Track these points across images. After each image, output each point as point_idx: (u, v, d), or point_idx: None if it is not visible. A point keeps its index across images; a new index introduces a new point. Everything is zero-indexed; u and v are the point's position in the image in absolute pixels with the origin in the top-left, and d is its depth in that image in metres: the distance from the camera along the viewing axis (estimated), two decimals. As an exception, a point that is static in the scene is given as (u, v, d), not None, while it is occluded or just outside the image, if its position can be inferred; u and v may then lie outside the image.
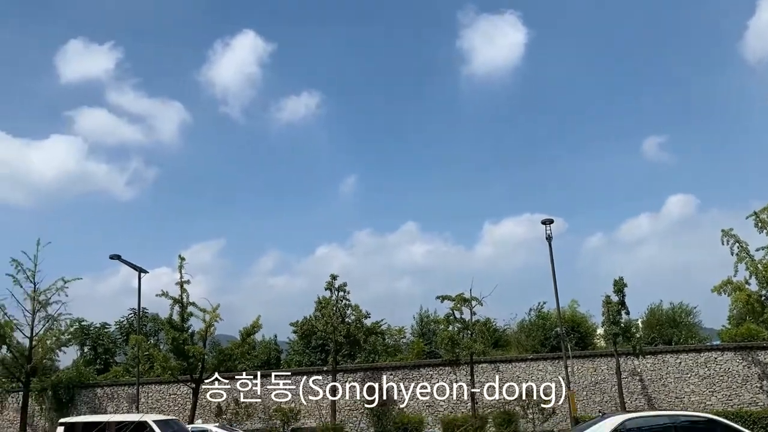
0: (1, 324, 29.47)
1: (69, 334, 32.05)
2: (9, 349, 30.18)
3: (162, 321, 30.44)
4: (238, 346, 30.11)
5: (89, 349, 42.56)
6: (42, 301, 30.16)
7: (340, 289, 30.24)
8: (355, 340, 29.92)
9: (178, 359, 28.88)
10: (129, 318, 44.17)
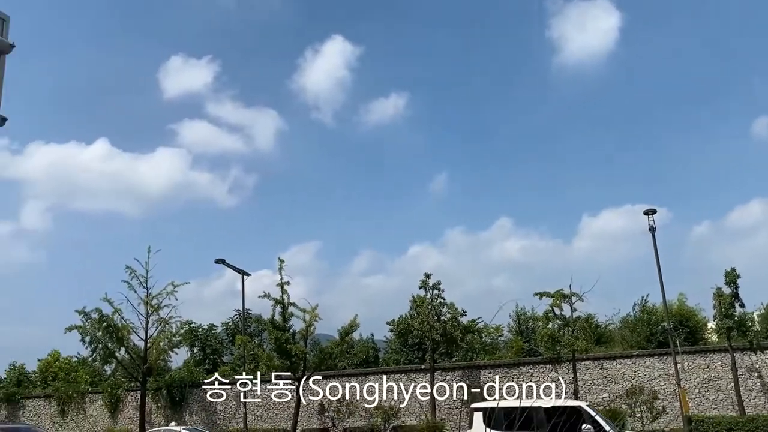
0: (119, 327, 31.41)
1: (180, 336, 33.73)
2: (127, 351, 32.12)
3: (265, 321, 31.49)
4: (337, 345, 30.68)
5: (198, 350, 44.69)
6: (154, 305, 31.91)
7: (435, 287, 30.22)
8: (452, 339, 29.81)
9: (281, 358, 29.74)
10: (234, 319, 46.07)
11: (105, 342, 31.35)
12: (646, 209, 27.02)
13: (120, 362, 33.02)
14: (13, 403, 39.59)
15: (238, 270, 30.83)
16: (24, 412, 39.23)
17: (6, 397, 39.67)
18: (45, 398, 38.98)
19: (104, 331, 30.95)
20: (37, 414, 38.87)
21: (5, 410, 39.60)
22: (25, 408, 39.39)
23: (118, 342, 31.45)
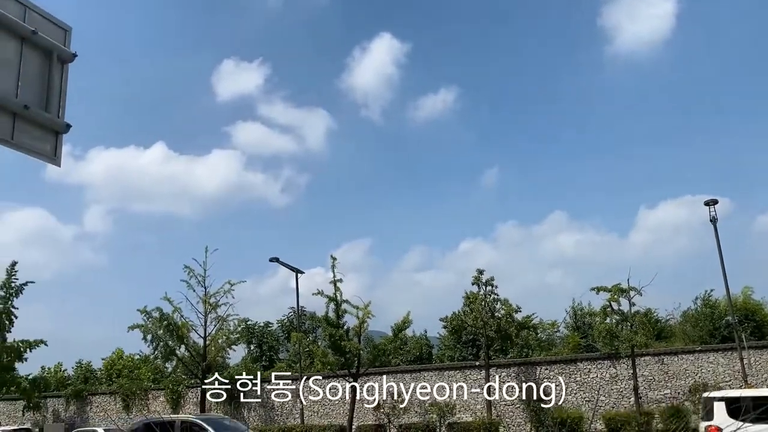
0: (179, 325, 32.31)
1: (237, 334, 34.47)
2: (186, 349, 33.01)
3: (319, 318, 31.83)
4: (390, 341, 30.78)
5: (255, 347, 45.55)
6: (212, 304, 32.72)
7: (488, 283, 29.97)
8: (507, 335, 29.52)
9: (336, 355, 30.03)
10: (289, 316, 46.78)
11: (166, 340, 32.31)
12: (706, 200, 26.18)
13: (180, 359, 33.93)
14: (81, 399, 41.18)
15: (291, 268, 31.28)
16: (91, 408, 40.77)
17: (74, 394, 41.29)
18: (110, 394, 40.40)
19: (165, 329, 31.91)
20: (103, 409, 40.33)
21: (74, 406, 41.23)
22: (92, 404, 40.91)
23: (178, 340, 32.35)
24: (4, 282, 39.12)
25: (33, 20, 6.28)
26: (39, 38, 6.28)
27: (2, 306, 38.70)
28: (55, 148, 6.48)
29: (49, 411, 41.95)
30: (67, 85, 6.67)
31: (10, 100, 5.93)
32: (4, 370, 38.66)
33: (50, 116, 6.34)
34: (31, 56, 6.31)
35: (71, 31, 6.74)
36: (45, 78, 6.42)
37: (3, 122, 5.94)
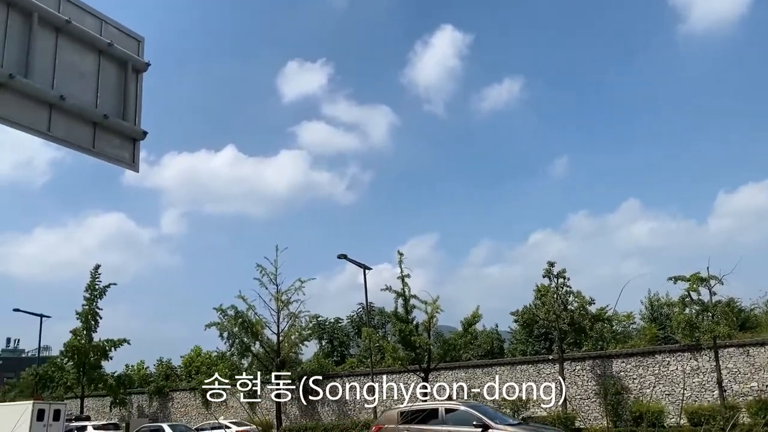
0: (253, 323, 33.19)
1: (309, 330, 35.12)
2: (261, 345, 33.88)
3: (388, 314, 32.02)
4: (460, 336, 30.64)
5: (326, 343, 46.25)
6: (284, 301, 33.45)
7: (559, 275, 29.37)
8: (581, 328, 28.87)
9: (406, 350, 30.13)
10: (358, 312, 47.24)
11: (241, 337, 33.27)
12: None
13: (255, 355, 34.83)
14: (162, 396, 42.87)
15: (359, 264, 31.58)
16: (173, 404, 42.37)
17: (157, 390, 43.02)
18: (190, 391, 41.85)
19: (240, 326, 32.86)
20: (183, 405, 41.84)
21: (157, 402, 42.97)
22: (173, 400, 42.52)
23: (253, 336, 33.25)
24: (88, 284, 41.20)
25: (109, 33, 6.55)
26: (115, 50, 6.55)
27: (88, 307, 40.80)
28: (133, 154, 6.75)
29: (134, 407, 43.86)
30: (142, 93, 6.94)
31: (91, 111, 6.21)
32: (92, 368, 40.75)
33: (128, 124, 6.61)
34: (108, 67, 6.59)
35: (144, 41, 7.00)
36: (121, 88, 6.70)
37: (84, 132, 6.23)
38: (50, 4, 5.91)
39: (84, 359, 40.01)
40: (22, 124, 5.55)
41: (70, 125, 6.05)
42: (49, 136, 5.87)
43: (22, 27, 5.65)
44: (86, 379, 40.60)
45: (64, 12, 6.02)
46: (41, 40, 5.79)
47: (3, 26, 5.52)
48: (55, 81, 5.88)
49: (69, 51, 6.14)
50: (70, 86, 6.03)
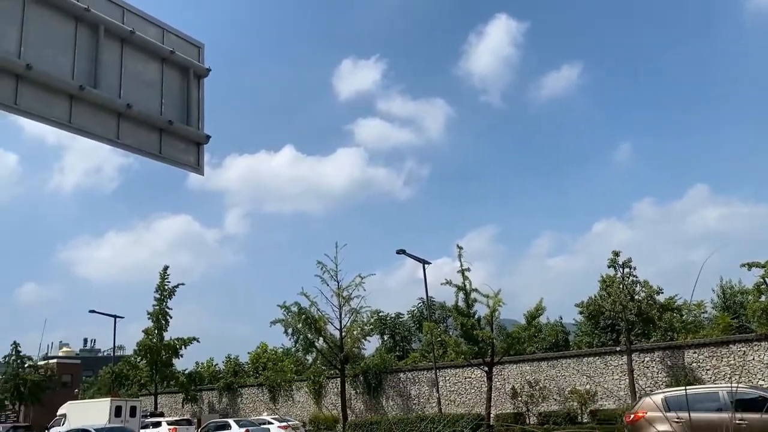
0: (316, 319, 33.64)
1: (370, 325, 35.35)
2: (325, 341, 34.31)
3: (449, 308, 31.89)
4: (524, 329, 30.22)
5: (388, 338, 46.46)
6: (345, 297, 33.76)
7: (625, 265, 28.62)
8: (649, 318, 28.07)
9: (469, 344, 29.95)
10: (418, 307, 47.23)
11: (305, 333, 33.77)
12: None
13: (320, 351, 35.32)
14: (232, 392, 44.03)
15: (418, 259, 31.57)
16: (241, 400, 43.46)
17: (226, 386, 44.22)
18: (258, 386, 42.84)
19: (303, 322, 33.37)
20: (252, 401, 42.86)
21: (226, 398, 44.16)
22: (242, 396, 43.60)
23: (317, 332, 33.70)
24: (158, 285, 42.73)
25: (170, 41, 6.76)
26: (177, 57, 6.76)
27: (158, 307, 42.33)
28: (198, 158, 6.95)
29: (204, 403, 45.22)
30: (204, 98, 7.14)
31: (156, 118, 6.43)
32: (164, 365, 42.27)
33: (192, 129, 6.80)
34: (170, 75, 6.81)
35: (204, 47, 7.19)
36: (184, 94, 6.90)
37: (151, 138, 6.45)
38: (115, 16, 6.14)
39: (156, 357, 41.53)
40: (93, 133, 5.79)
41: (138, 132, 6.27)
42: (119, 143, 6.10)
43: (89, 40, 5.89)
44: (159, 377, 42.13)
45: (127, 23, 6.24)
46: (107, 52, 6.02)
47: (72, 40, 5.77)
48: (122, 90, 6.11)
49: (133, 60, 6.37)
50: (136, 94, 6.25)
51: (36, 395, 49.76)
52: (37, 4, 5.48)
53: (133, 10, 6.36)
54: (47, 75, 5.37)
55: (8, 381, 49.98)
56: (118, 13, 6.20)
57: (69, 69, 5.65)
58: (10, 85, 5.17)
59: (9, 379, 49.99)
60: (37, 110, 5.36)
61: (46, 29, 5.56)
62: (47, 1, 5.54)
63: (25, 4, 5.38)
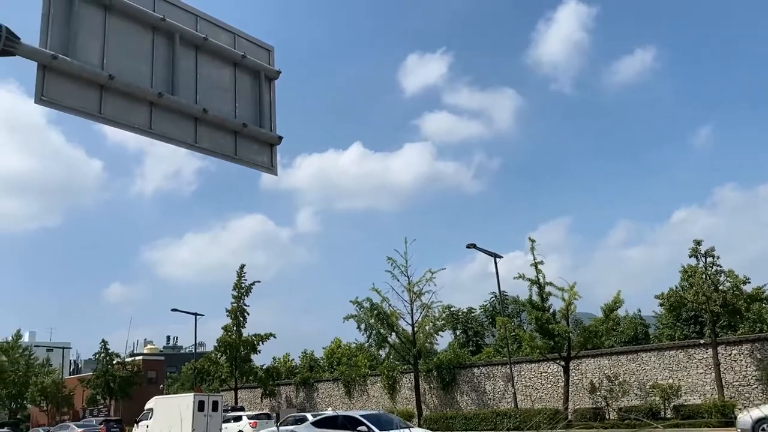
0: (388, 314, 33.85)
1: (442, 320, 35.26)
2: (397, 336, 34.48)
3: (522, 302, 31.45)
4: (601, 322, 29.42)
5: (461, 333, 46.22)
6: (416, 292, 33.81)
7: (708, 254, 27.39)
8: (735, 310, 26.75)
9: (544, 338, 29.43)
10: (491, 301, 46.76)
11: (377, 328, 34.05)
12: None
13: (392, 346, 35.52)
14: (308, 386, 44.87)
15: (489, 253, 31.24)
16: (317, 394, 44.23)
17: (302, 381, 45.10)
18: (333, 381, 43.48)
19: (375, 318, 33.64)
20: (328, 395, 43.55)
21: (303, 392, 45.05)
22: (318, 390, 44.37)
23: (389, 327, 33.91)
24: (235, 283, 44.04)
25: (241, 46, 6.94)
26: (248, 61, 6.93)
27: (236, 304, 43.64)
28: (271, 159, 7.11)
29: (282, 397, 46.28)
30: (276, 100, 7.29)
31: (231, 121, 6.62)
32: (243, 361, 43.55)
33: (264, 131, 6.97)
34: (243, 78, 6.99)
35: (273, 50, 7.34)
36: (256, 96, 7.07)
37: (227, 141, 6.65)
38: (189, 24, 6.35)
39: (235, 353, 42.84)
40: (173, 138, 6.01)
41: (214, 135, 6.48)
42: (196, 147, 6.31)
43: (166, 48, 6.12)
44: (238, 372, 43.42)
45: (201, 30, 6.44)
46: (183, 59, 6.24)
47: (150, 49, 6.01)
48: (198, 95, 6.32)
49: (207, 66, 6.57)
50: (211, 99, 6.45)
51: (125, 390, 52.28)
52: (117, 16, 5.73)
53: (205, 17, 6.56)
54: (128, 84, 5.61)
55: (99, 377, 52.69)
56: (192, 20, 6.41)
57: (148, 77, 5.88)
58: (95, 95, 5.43)
59: (99, 375, 52.69)
60: (120, 118, 5.62)
61: (125, 40, 5.80)
62: (126, 14, 5.78)
63: (106, 18, 5.64)
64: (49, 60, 5.05)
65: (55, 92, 5.14)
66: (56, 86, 5.15)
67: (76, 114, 5.40)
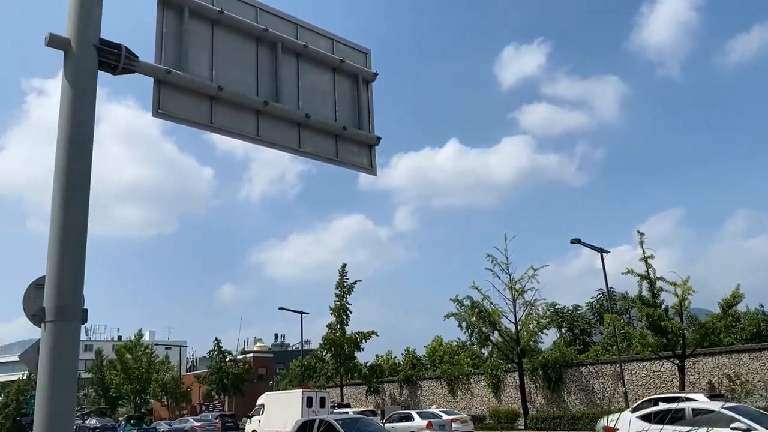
0: (490, 312, 33.50)
1: (546, 318, 34.49)
2: (500, 334, 34.07)
3: (632, 298, 30.22)
4: (719, 318, 27.76)
5: (566, 331, 45.00)
6: (518, 290, 33.27)
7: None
8: None
9: (656, 336, 28.17)
10: (598, 298, 45.21)
11: (479, 326, 33.80)
12: None
13: (495, 345, 35.13)
14: (411, 384, 45.19)
15: (595, 248, 30.20)
16: (421, 392, 44.44)
17: (405, 379, 45.48)
18: (436, 379, 43.55)
19: (477, 316, 33.42)
20: (431, 393, 43.66)
21: (407, 390, 45.41)
22: (421, 388, 44.58)
23: (491, 326, 33.58)
24: (338, 282, 45.05)
25: (339, 50, 7.10)
26: (346, 65, 7.09)
27: (339, 303, 44.64)
28: (371, 159, 7.23)
29: (386, 395, 46.87)
30: (373, 101, 7.41)
31: (332, 125, 6.79)
32: (347, 358, 44.49)
33: (363, 132, 7.09)
34: (341, 82, 7.15)
35: (370, 53, 7.46)
36: (355, 99, 7.22)
37: (328, 144, 6.82)
38: (289, 32, 6.58)
39: (340, 351, 43.82)
40: (279, 144, 6.27)
41: (316, 140, 6.67)
42: (300, 151, 6.53)
43: (269, 57, 6.38)
44: (343, 369, 44.40)
45: (301, 38, 6.66)
46: (285, 67, 6.47)
47: (254, 59, 6.28)
48: (300, 101, 6.53)
49: (308, 72, 6.78)
50: (312, 104, 6.65)
51: (237, 387, 54.75)
52: (223, 30, 6.03)
53: (305, 25, 6.77)
54: (236, 94, 5.89)
55: (213, 374, 55.49)
56: (292, 29, 6.63)
57: (253, 86, 6.15)
58: (206, 106, 5.74)
59: (214, 372, 55.49)
60: (229, 127, 5.91)
61: (231, 52, 6.10)
62: (231, 27, 6.07)
63: (213, 32, 5.95)
64: (163, 75, 5.38)
65: (170, 105, 5.47)
66: (171, 99, 5.48)
67: (190, 125, 5.73)
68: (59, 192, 4.39)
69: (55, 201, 4.39)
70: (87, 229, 4.45)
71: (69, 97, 4.58)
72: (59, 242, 4.29)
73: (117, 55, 4.93)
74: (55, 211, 4.37)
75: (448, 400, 41.83)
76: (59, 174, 4.43)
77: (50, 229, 4.35)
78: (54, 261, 4.27)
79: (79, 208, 4.39)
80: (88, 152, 4.53)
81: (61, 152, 4.46)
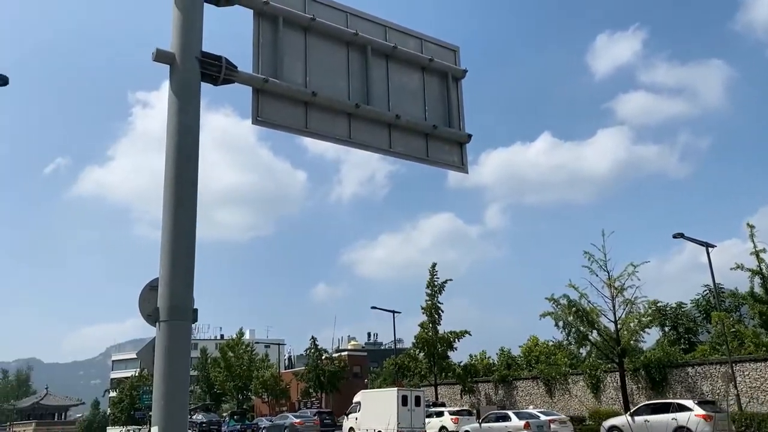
0: (588, 311, 32.48)
1: (648, 316, 33.04)
2: (599, 333, 32.96)
3: (743, 295, 28.54)
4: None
5: (670, 329, 42.92)
6: (618, 287, 32.05)
7: None
8: None
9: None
10: (704, 295, 42.84)
11: (576, 326, 32.84)
12: None
13: (594, 344, 34.01)
14: (507, 384, 44.51)
15: (700, 242, 28.65)
16: (517, 392, 43.70)
17: (500, 379, 44.86)
18: (532, 379, 42.68)
19: (574, 315, 32.48)
20: (528, 394, 42.84)
21: (502, 390, 44.80)
22: (517, 389, 43.83)
23: (589, 325, 32.55)
24: (428, 281, 45.04)
25: (428, 50, 7.13)
26: (435, 64, 7.11)
27: (430, 302, 44.61)
28: (462, 157, 7.22)
29: (481, 394, 46.41)
30: (463, 99, 7.39)
31: (422, 124, 6.84)
32: (440, 357, 44.40)
33: (454, 130, 7.09)
34: (431, 81, 7.18)
35: (459, 50, 7.44)
36: (444, 98, 7.23)
37: (418, 143, 6.87)
38: (378, 35, 6.68)
39: (433, 350, 43.80)
40: (370, 145, 6.38)
41: (406, 139, 6.74)
42: (390, 152, 6.62)
43: (359, 60, 6.50)
44: (437, 368, 44.36)
45: (390, 39, 6.74)
46: (375, 69, 6.58)
47: (345, 63, 6.42)
48: (390, 102, 6.62)
49: (398, 73, 6.86)
50: (402, 105, 6.72)
51: (333, 384, 55.89)
52: (315, 36, 6.20)
53: (393, 26, 6.85)
54: (329, 99, 6.05)
55: (310, 371, 56.90)
56: (381, 31, 6.73)
57: (345, 90, 6.29)
58: (301, 111, 5.93)
59: (311, 370, 56.90)
60: (323, 131, 6.07)
61: (323, 58, 6.26)
62: (323, 33, 6.24)
63: (306, 39, 6.13)
64: (261, 84, 5.60)
65: (268, 113, 5.69)
66: (268, 107, 5.70)
67: (287, 131, 5.94)
68: (169, 199, 4.66)
69: (166, 208, 4.66)
70: (195, 233, 4.71)
71: (175, 109, 4.85)
72: (171, 246, 4.56)
73: (218, 66, 5.18)
74: (166, 218, 4.64)
75: (545, 401, 40.90)
76: (169, 182, 4.70)
77: (162, 235, 4.63)
78: (166, 264, 4.55)
79: (188, 214, 4.65)
80: (195, 161, 4.79)
81: (169, 162, 4.74)
